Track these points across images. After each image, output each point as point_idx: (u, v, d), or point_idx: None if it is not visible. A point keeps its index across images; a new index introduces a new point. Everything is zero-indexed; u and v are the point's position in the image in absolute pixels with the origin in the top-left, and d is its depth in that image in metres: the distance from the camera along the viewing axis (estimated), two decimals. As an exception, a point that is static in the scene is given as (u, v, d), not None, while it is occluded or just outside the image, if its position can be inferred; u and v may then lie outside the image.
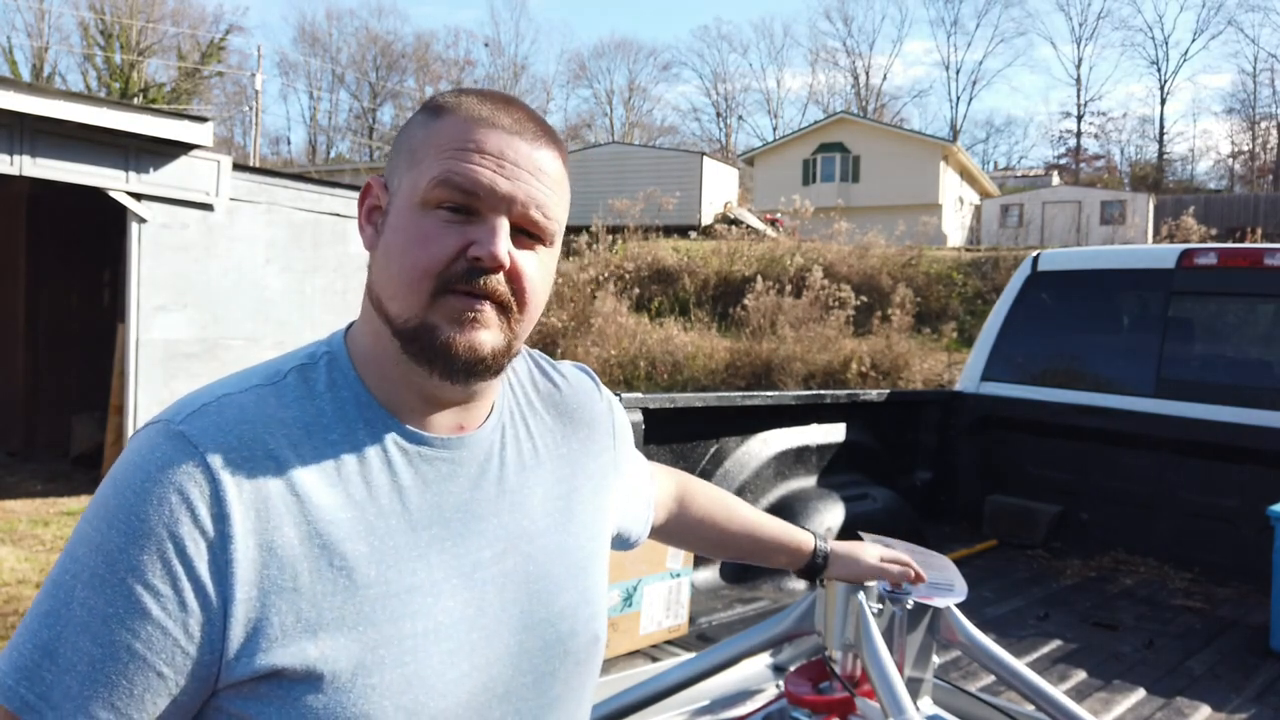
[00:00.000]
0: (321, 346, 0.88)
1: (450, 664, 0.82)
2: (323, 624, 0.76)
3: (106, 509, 0.74)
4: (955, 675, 2.14)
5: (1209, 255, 3.62)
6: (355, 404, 0.84)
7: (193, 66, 33.69)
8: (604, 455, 1.06)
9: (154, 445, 0.76)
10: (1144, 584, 3.18)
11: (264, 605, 0.74)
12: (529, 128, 0.85)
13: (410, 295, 0.81)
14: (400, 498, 0.82)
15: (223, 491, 0.74)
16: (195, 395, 0.82)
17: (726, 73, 70.45)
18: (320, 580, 0.76)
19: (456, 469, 0.87)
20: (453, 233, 0.80)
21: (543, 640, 0.90)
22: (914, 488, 3.93)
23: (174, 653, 0.73)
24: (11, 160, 6.89)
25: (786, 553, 1.42)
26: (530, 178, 0.83)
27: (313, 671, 0.75)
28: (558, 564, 0.93)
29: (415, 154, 0.83)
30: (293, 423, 0.80)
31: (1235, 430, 3.32)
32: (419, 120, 0.86)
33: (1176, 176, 49.34)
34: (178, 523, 0.73)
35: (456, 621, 0.83)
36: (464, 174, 0.80)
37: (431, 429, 0.86)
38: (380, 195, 0.87)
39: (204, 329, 8.15)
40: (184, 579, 0.72)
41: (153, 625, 0.72)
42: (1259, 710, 2.16)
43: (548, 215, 0.84)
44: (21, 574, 5.63)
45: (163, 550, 0.72)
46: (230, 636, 0.74)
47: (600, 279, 17.42)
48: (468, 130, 0.82)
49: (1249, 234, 18.77)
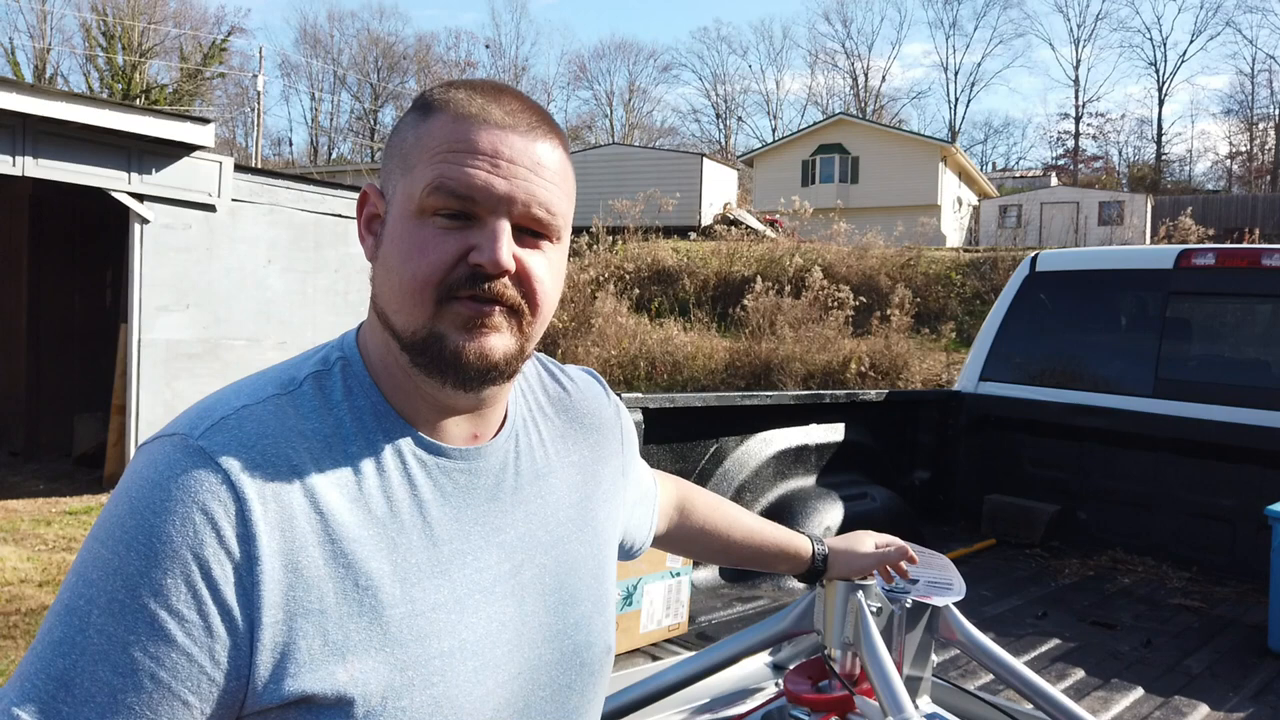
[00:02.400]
0: (334, 351, 0.85)
1: (476, 681, 0.80)
2: (350, 647, 0.73)
3: (123, 529, 0.70)
4: (954, 674, 2.15)
5: (1207, 256, 3.62)
6: (373, 414, 0.81)
7: (195, 68, 33.66)
8: (613, 461, 1.04)
9: (172, 461, 0.72)
10: (1142, 583, 3.19)
11: (291, 629, 0.71)
12: (523, 119, 0.80)
13: (414, 307, 0.78)
14: (421, 512, 0.80)
15: (248, 510, 0.71)
16: (210, 406, 0.78)
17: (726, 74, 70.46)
18: (346, 601, 0.74)
19: (474, 480, 0.85)
20: (452, 239, 0.77)
21: (560, 652, 0.88)
22: (913, 487, 3.94)
23: (200, 680, 0.69)
24: (14, 161, 6.89)
25: (787, 559, 1.42)
26: (529, 174, 0.79)
27: (343, 697, 0.72)
28: (573, 575, 0.91)
29: (407, 159, 0.80)
30: (313, 435, 0.77)
31: (1233, 430, 3.33)
32: (409, 121, 0.82)
33: (1174, 177, 49.29)
34: (202, 544, 0.69)
35: (480, 638, 0.81)
36: (457, 178, 0.77)
37: (447, 439, 0.84)
38: (377, 203, 0.83)
39: (206, 329, 8.16)
40: (210, 603, 0.69)
41: (178, 652, 0.68)
42: (1257, 709, 2.17)
43: (551, 211, 0.80)
44: (24, 573, 5.64)
45: (187, 572, 0.69)
46: (258, 662, 0.70)
47: (600, 279, 17.41)
48: (458, 129, 0.78)
49: (1247, 235, 18.75)
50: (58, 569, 5.76)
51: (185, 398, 7.90)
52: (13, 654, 4.42)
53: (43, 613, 4.99)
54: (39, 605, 5.09)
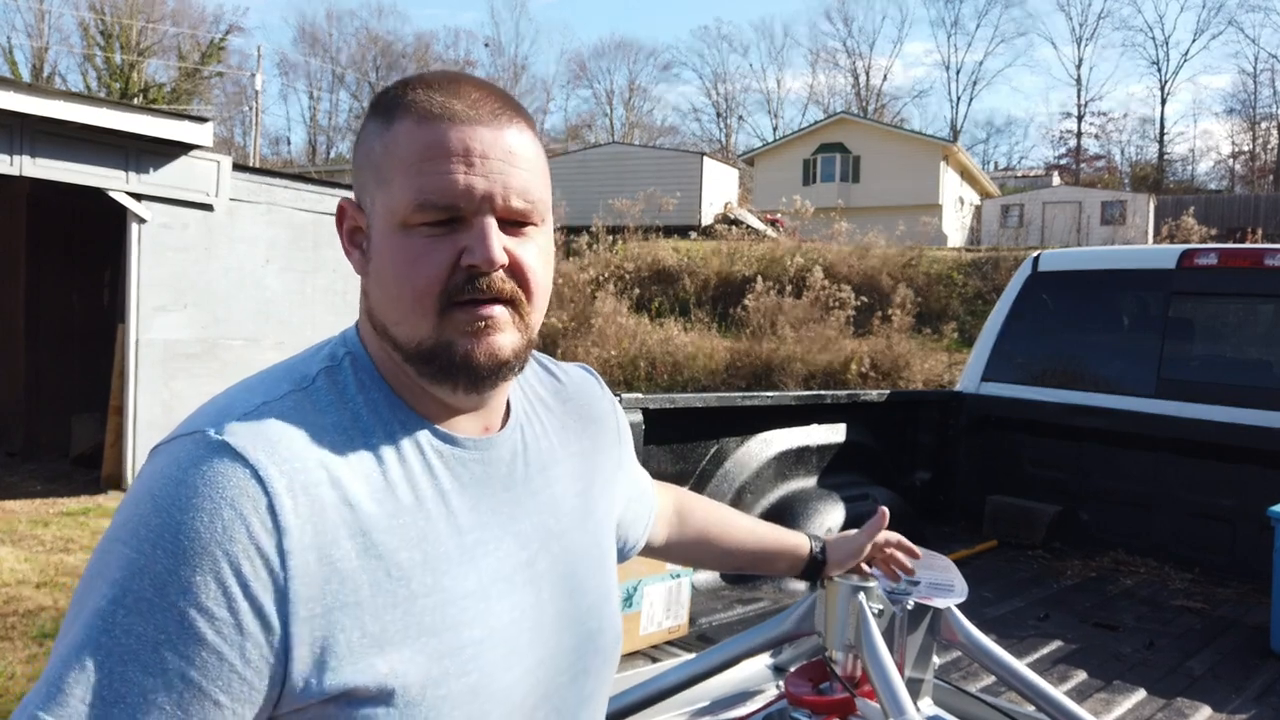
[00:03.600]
0: (340, 347, 0.84)
1: (506, 668, 0.81)
2: (388, 638, 0.73)
3: (148, 527, 0.69)
4: (955, 676, 2.14)
5: (1209, 256, 3.61)
6: (388, 406, 0.81)
7: (193, 67, 33.71)
8: (610, 452, 1.06)
9: (196, 458, 0.71)
10: (1144, 584, 3.18)
11: (329, 623, 0.71)
12: (486, 108, 0.80)
13: (417, 319, 0.78)
14: (444, 502, 0.81)
15: (278, 505, 0.70)
16: (227, 404, 0.77)
17: (727, 73, 70.38)
18: (380, 593, 0.74)
19: (489, 470, 0.86)
20: (442, 246, 0.77)
21: (576, 638, 0.90)
22: (914, 488, 3.92)
23: (230, 679, 0.68)
24: (12, 160, 6.89)
25: (786, 560, 1.42)
26: (503, 165, 0.79)
27: (384, 688, 0.72)
28: (582, 562, 0.93)
29: (380, 170, 0.79)
30: (333, 429, 0.77)
31: (1235, 430, 3.32)
32: (373, 130, 0.81)
33: (1177, 177, 49.33)
34: (232, 540, 0.68)
35: (506, 625, 0.82)
36: (438, 189, 0.76)
37: (460, 430, 0.85)
38: (357, 216, 0.83)
39: (204, 329, 8.16)
40: (240, 600, 0.68)
41: (208, 651, 0.67)
42: (1259, 711, 2.16)
43: (530, 199, 0.80)
44: (21, 574, 5.63)
45: (217, 570, 0.68)
46: (294, 659, 0.70)
47: (600, 279, 17.43)
48: (425, 134, 0.77)
49: (1249, 234, 18.78)
50: (55, 570, 5.75)
51: (183, 398, 7.90)
52: (10, 655, 4.40)
53: (40, 614, 4.98)
54: (36, 606, 5.08)
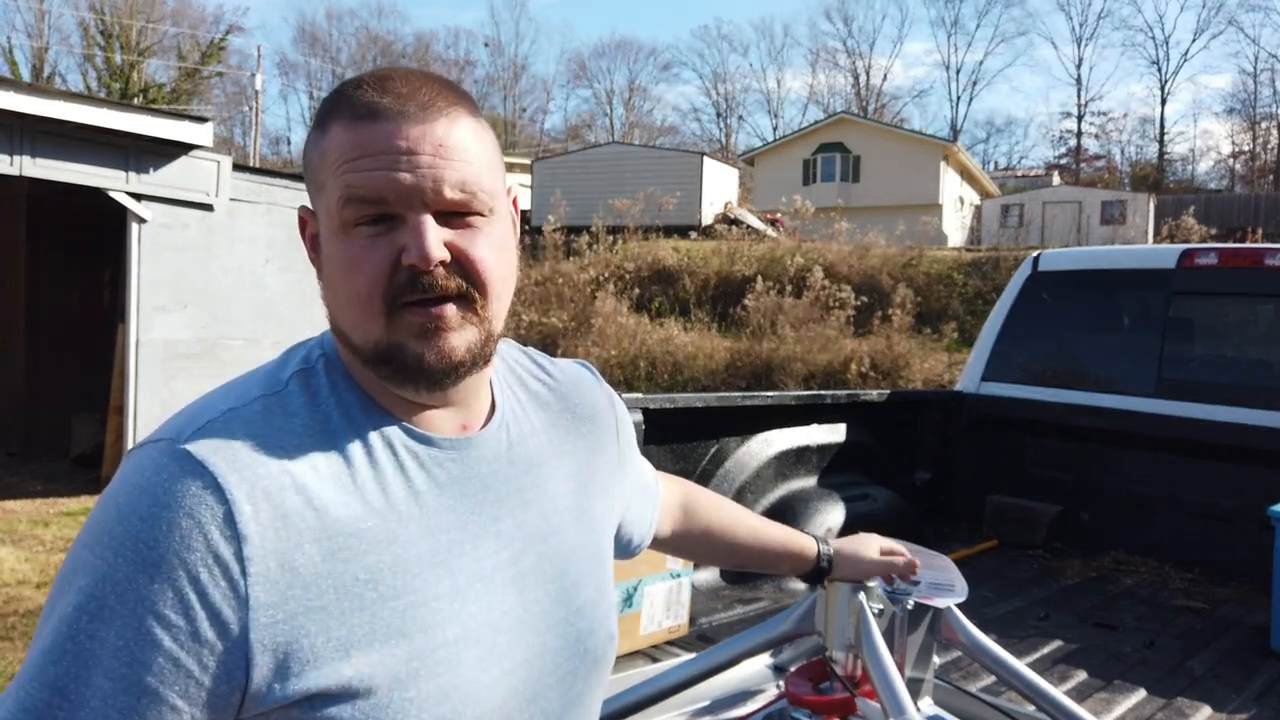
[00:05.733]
0: (315, 349, 0.85)
1: (481, 670, 0.80)
2: (354, 641, 0.73)
3: (111, 536, 0.70)
4: (956, 675, 2.14)
5: (1209, 255, 3.61)
6: (360, 407, 0.81)
7: (193, 67, 33.72)
8: (608, 450, 1.04)
9: (159, 466, 0.72)
10: (1144, 584, 3.18)
11: (293, 629, 0.71)
12: (414, 100, 0.77)
13: (366, 321, 0.77)
14: (417, 503, 0.80)
15: (237, 513, 0.71)
16: (197, 411, 0.78)
17: (727, 73, 70.30)
18: (346, 596, 0.74)
19: (467, 470, 0.84)
20: (381, 245, 0.76)
21: (564, 639, 0.89)
22: (914, 488, 3.92)
23: (187, 685, 0.69)
24: (11, 160, 6.88)
25: (791, 560, 1.41)
26: (432, 159, 0.76)
27: (350, 690, 0.73)
28: (573, 561, 0.92)
29: (317, 177, 0.79)
30: (302, 432, 0.77)
31: (1236, 430, 3.32)
32: (312, 138, 0.81)
33: (1177, 177, 49.35)
34: (190, 549, 0.69)
35: (483, 626, 0.81)
36: (362, 185, 0.75)
37: (436, 430, 0.84)
38: (311, 223, 0.83)
39: (204, 329, 8.15)
40: (198, 608, 0.69)
41: (165, 657, 0.68)
42: (1260, 710, 2.16)
43: (468, 189, 0.78)
44: (21, 574, 5.63)
45: (174, 579, 0.69)
46: (256, 664, 0.70)
47: (600, 279, 17.42)
48: (351, 135, 0.76)
49: (1249, 234, 18.76)
50: (55, 570, 5.74)
51: (183, 398, 7.88)
52: (10, 655, 4.41)
53: (40, 614, 4.98)
54: (36, 606, 5.08)
